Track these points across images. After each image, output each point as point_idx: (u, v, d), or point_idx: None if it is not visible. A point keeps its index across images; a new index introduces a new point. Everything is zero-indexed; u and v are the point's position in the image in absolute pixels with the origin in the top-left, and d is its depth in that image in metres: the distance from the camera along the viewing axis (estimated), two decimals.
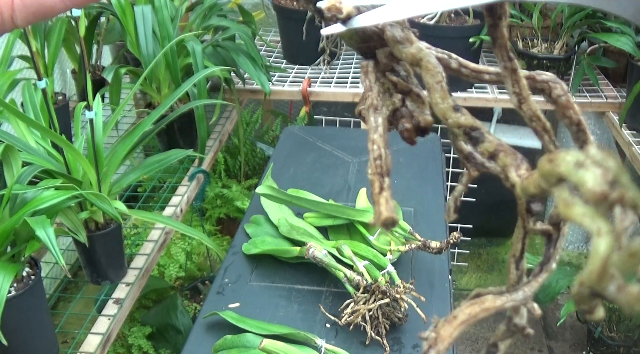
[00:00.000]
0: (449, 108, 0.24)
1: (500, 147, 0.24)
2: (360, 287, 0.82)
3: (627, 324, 1.73)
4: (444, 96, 0.24)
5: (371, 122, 0.25)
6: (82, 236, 0.99)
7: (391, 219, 0.23)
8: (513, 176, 0.23)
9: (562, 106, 0.24)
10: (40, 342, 0.95)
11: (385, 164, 0.24)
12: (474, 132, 0.24)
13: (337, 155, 1.28)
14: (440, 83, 0.24)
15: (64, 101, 1.45)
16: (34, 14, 0.27)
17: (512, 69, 0.25)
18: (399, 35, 0.25)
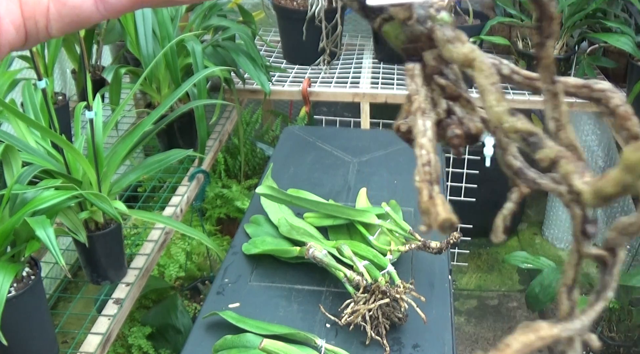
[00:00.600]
0: (504, 112, 0.23)
1: (561, 153, 0.22)
2: (360, 287, 0.82)
3: (627, 324, 1.73)
4: (499, 98, 0.22)
5: (419, 125, 0.24)
6: (82, 236, 0.99)
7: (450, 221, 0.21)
8: (578, 184, 0.21)
9: (621, 117, 0.23)
10: (40, 342, 0.95)
11: (435, 171, 0.23)
12: (532, 137, 0.22)
13: (337, 155, 1.28)
14: (495, 85, 0.23)
15: (64, 101, 1.45)
16: (69, 24, 0.26)
17: (554, 93, 0.24)
18: (450, 35, 0.24)
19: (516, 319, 2.02)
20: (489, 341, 1.94)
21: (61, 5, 0.25)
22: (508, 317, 2.03)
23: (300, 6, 1.77)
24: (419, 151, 0.23)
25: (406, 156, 1.24)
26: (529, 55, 1.66)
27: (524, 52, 1.67)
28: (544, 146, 0.22)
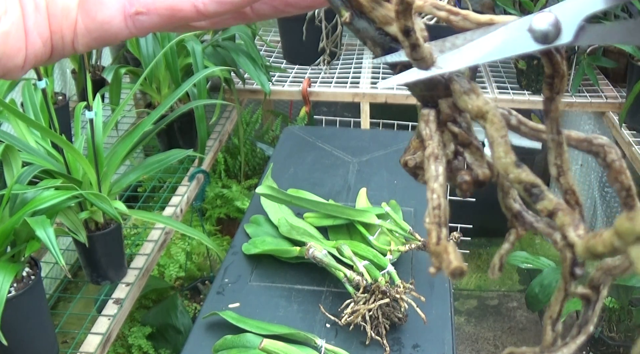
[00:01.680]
0: (511, 163, 0.24)
1: (559, 206, 0.24)
2: (360, 287, 0.82)
3: (627, 324, 1.73)
4: (507, 150, 0.24)
5: (432, 171, 0.25)
6: (82, 236, 0.99)
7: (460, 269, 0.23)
8: (572, 236, 0.23)
9: (615, 171, 0.24)
10: (40, 342, 0.95)
11: (444, 215, 0.24)
12: (534, 188, 0.24)
13: (337, 155, 1.28)
14: (505, 137, 0.24)
15: (64, 101, 1.45)
16: (96, 39, 0.25)
17: (559, 143, 0.25)
18: (467, 87, 0.25)
19: (516, 319, 2.02)
20: (489, 341, 1.94)
21: (90, 20, 0.25)
22: (508, 317, 2.03)
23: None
24: (430, 194, 0.24)
25: None
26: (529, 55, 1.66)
27: None
28: (544, 197, 0.24)
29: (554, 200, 0.24)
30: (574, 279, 0.25)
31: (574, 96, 1.69)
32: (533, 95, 1.70)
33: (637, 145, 1.53)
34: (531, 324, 2.00)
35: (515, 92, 1.72)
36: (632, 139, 1.55)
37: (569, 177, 0.25)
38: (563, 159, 0.25)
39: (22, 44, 0.24)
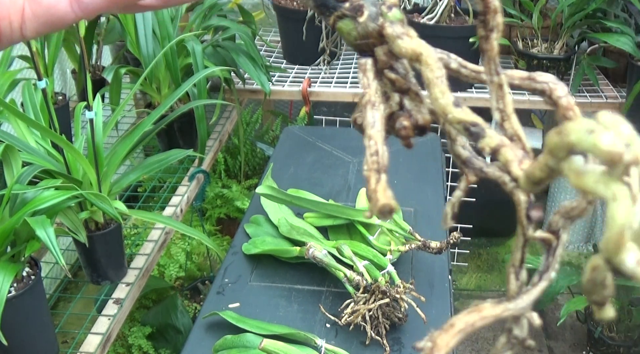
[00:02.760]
0: (449, 103, 0.24)
1: (502, 143, 0.23)
2: (360, 287, 0.82)
3: (627, 324, 1.73)
4: (443, 90, 0.24)
5: (368, 118, 0.25)
6: (82, 236, 0.99)
7: (389, 206, 0.22)
8: (515, 171, 0.23)
9: (563, 108, 0.24)
10: (40, 342, 0.95)
11: (382, 160, 0.24)
12: (474, 127, 0.24)
13: (337, 155, 1.28)
14: (440, 78, 0.24)
15: (64, 101, 1.45)
16: (44, 24, 0.26)
17: (499, 85, 0.25)
18: (399, 31, 0.25)
19: None
20: (489, 341, 1.94)
21: (36, 5, 0.25)
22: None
23: (300, 6, 1.77)
24: (367, 141, 0.24)
25: (406, 156, 1.24)
26: (528, 55, 1.66)
27: (524, 52, 1.67)
28: (485, 135, 0.23)
29: (496, 137, 0.23)
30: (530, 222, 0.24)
31: (574, 95, 1.69)
32: (533, 95, 1.70)
33: None
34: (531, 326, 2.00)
35: (515, 92, 1.72)
36: None
37: (513, 121, 0.25)
38: (505, 102, 0.25)
39: None
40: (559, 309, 1.83)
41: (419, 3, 1.76)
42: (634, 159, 0.17)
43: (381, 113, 0.25)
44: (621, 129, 0.18)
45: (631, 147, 0.17)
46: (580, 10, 1.58)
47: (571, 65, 1.69)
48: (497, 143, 0.23)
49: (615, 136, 0.17)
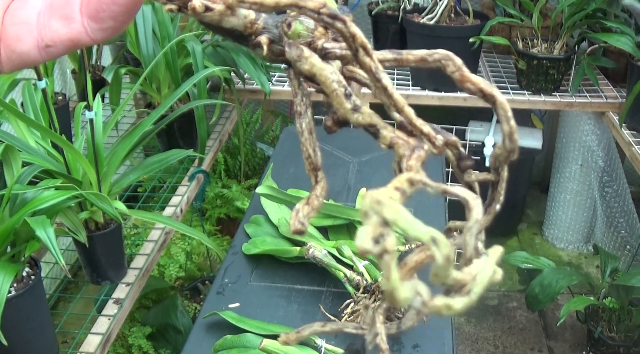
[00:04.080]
0: (347, 111, 0.27)
1: (394, 139, 0.27)
2: (360, 287, 0.82)
3: (627, 324, 1.73)
4: (340, 102, 0.27)
5: (297, 127, 0.29)
6: (82, 236, 0.99)
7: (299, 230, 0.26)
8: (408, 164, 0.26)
9: (459, 81, 0.26)
10: (40, 342, 0.95)
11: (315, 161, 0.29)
12: (371, 128, 0.27)
13: (337, 155, 1.28)
14: (335, 91, 0.27)
15: (64, 101, 1.45)
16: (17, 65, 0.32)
17: (383, 88, 0.28)
18: (295, 54, 0.28)
19: (516, 319, 2.02)
20: (489, 341, 1.94)
21: (10, 52, 0.31)
22: (508, 317, 2.04)
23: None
24: (301, 147, 0.29)
25: None
26: (528, 55, 1.66)
27: (524, 52, 1.67)
28: (380, 134, 0.27)
29: (389, 135, 0.27)
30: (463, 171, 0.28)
31: (573, 95, 1.69)
32: (533, 95, 1.70)
33: (637, 145, 1.53)
34: (531, 324, 2.00)
35: (515, 92, 1.72)
36: (632, 139, 1.55)
37: (407, 112, 0.28)
38: (394, 99, 0.28)
39: None
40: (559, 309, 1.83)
41: (419, 3, 1.76)
42: (381, 252, 0.20)
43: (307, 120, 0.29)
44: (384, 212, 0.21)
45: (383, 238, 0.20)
46: (580, 10, 1.58)
47: (571, 65, 1.69)
48: (390, 140, 0.27)
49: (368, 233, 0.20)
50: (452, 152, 0.28)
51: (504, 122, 0.26)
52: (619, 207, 2.05)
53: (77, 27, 0.30)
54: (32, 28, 0.31)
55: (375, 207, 0.21)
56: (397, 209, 0.21)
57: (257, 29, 0.29)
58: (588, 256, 2.25)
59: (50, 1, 0.31)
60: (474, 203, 0.24)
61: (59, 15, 0.30)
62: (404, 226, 0.21)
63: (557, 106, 1.72)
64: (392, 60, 0.28)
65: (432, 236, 0.21)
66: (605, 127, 1.89)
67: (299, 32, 0.28)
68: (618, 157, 2.02)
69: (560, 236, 2.26)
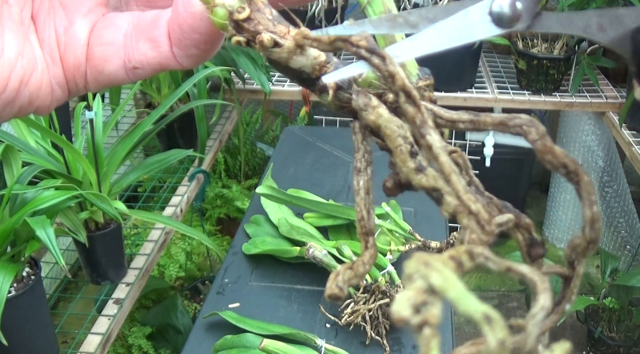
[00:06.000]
0: (410, 171, 0.25)
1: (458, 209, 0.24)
2: (360, 287, 0.82)
3: (627, 324, 1.73)
4: (403, 159, 0.25)
5: (354, 185, 0.26)
6: (82, 236, 0.99)
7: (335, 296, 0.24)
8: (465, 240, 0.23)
9: (540, 151, 0.24)
10: (40, 342, 0.95)
11: (368, 225, 0.26)
12: (435, 192, 0.25)
13: (337, 155, 1.28)
14: (399, 147, 0.25)
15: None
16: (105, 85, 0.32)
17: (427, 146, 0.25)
18: (362, 102, 0.26)
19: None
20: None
21: (97, 73, 0.31)
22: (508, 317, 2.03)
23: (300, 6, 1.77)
24: (356, 207, 0.26)
25: None
26: (529, 55, 1.66)
27: (524, 52, 1.67)
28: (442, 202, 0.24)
29: (452, 203, 0.24)
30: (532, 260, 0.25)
31: (574, 95, 1.69)
32: (533, 95, 1.71)
33: (637, 145, 1.53)
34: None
35: (515, 92, 1.72)
36: (632, 139, 1.55)
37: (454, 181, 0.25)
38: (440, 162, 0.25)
39: (49, 90, 0.30)
40: None
41: (419, 3, 1.76)
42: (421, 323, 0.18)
43: (365, 179, 0.27)
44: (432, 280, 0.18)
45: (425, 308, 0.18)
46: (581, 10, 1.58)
47: (571, 65, 1.69)
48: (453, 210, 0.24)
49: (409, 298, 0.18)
50: (523, 237, 0.24)
51: (586, 207, 0.23)
52: (619, 207, 2.05)
53: (164, 51, 0.30)
54: (119, 49, 0.30)
55: (422, 271, 0.18)
56: (448, 276, 0.18)
57: (326, 72, 0.27)
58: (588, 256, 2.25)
59: (136, 23, 0.30)
60: (543, 287, 0.21)
61: (146, 37, 0.30)
62: (454, 297, 0.18)
63: (557, 106, 1.72)
64: (467, 122, 0.25)
65: (486, 314, 0.18)
66: (605, 127, 1.89)
67: (370, 81, 0.27)
68: (618, 157, 2.02)
69: (560, 236, 2.26)
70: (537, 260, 0.25)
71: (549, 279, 0.22)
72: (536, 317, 0.21)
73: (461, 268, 0.21)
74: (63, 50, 0.30)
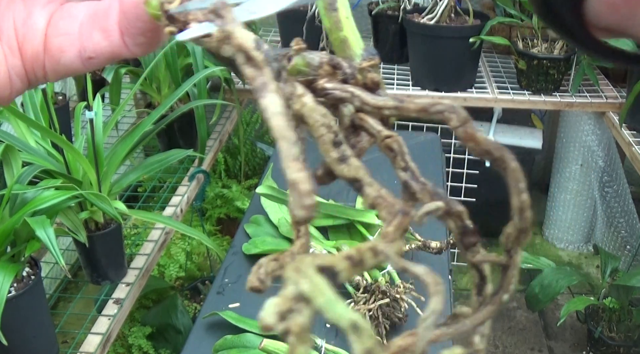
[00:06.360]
0: (333, 161, 0.25)
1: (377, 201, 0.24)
2: (360, 287, 0.82)
3: (627, 324, 1.73)
4: (326, 149, 0.25)
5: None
6: (82, 236, 0.99)
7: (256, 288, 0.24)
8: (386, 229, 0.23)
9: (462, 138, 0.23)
10: (40, 342, 0.95)
11: None
12: (356, 183, 0.25)
13: None
14: (322, 137, 0.24)
15: (64, 101, 1.45)
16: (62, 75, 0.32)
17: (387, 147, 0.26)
18: (288, 91, 0.25)
19: (516, 319, 2.02)
20: (489, 341, 1.94)
21: (55, 63, 0.32)
22: (508, 317, 2.04)
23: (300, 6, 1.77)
24: None
25: None
26: (529, 55, 1.66)
27: (524, 52, 1.67)
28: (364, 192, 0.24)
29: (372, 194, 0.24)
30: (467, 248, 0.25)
31: (574, 95, 1.69)
32: (533, 95, 1.71)
33: (637, 145, 1.53)
34: (531, 324, 2.00)
35: (515, 92, 1.72)
36: (632, 139, 1.55)
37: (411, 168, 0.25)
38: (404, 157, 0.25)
39: (7, 80, 0.31)
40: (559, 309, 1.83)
41: (419, 3, 1.76)
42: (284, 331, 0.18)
43: None
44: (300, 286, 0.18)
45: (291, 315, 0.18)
46: None
47: (571, 65, 1.69)
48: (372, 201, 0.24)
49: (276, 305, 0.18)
50: (456, 225, 0.24)
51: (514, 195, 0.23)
52: (619, 207, 2.05)
53: (116, 40, 0.31)
54: (74, 39, 0.31)
55: (293, 277, 0.18)
56: (317, 283, 0.18)
57: None
58: (588, 256, 2.25)
59: (91, 13, 0.31)
60: (436, 290, 0.21)
61: (99, 27, 0.31)
62: (323, 304, 0.18)
63: (557, 106, 1.72)
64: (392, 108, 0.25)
65: (354, 323, 0.17)
66: (605, 127, 1.89)
67: (299, 69, 0.26)
68: (618, 157, 2.02)
69: (560, 236, 2.26)
70: (471, 248, 0.24)
71: (443, 281, 0.22)
72: (426, 321, 0.21)
73: (361, 265, 0.20)
74: (21, 41, 0.31)
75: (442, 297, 0.21)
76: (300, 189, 0.22)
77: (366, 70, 0.26)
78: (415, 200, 0.25)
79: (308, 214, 0.21)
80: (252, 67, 0.24)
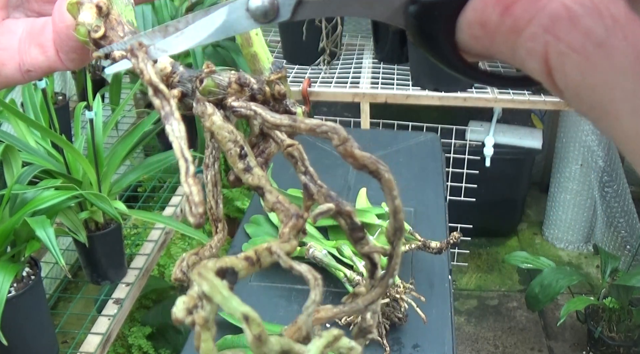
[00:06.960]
0: (240, 171, 0.28)
1: (275, 206, 0.28)
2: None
3: (627, 324, 1.73)
4: (233, 161, 0.28)
5: (203, 178, 0.30)
6: (82, 236, 0.99)
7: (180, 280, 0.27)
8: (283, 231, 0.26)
9: (342, 155, 0.27)
10: (40, 342, 0.95)
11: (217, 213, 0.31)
12: (258, 190, 0.28)
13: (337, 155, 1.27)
14: (229, 151, 0.28)
15: (64, 101, 1.45)
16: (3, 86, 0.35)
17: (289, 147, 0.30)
18: (199, 110, 0.29)
19: (516, 319, 2.02)
20: (489, 341, 1.94)
21: None
22: (508, 317, 2.04)
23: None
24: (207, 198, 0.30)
25: (406, 156, 1.24)
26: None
27: None
28: (265, 199, 0.28)
29: (271, 200, 0.28)
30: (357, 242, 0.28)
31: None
32: (533, 95, 1.71)
33: None
34: (531, 324, 2.00)
35: (515, 92, 1.72)
36: None
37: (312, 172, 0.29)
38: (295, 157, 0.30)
39: None
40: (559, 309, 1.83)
41: None
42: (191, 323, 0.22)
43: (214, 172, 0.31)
44: None
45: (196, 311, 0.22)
46: None
47: None
48: (272, 205, 0.28)
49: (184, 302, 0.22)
50: (346, 223, 0.28)
51: (389, 201, 0.27)
52: (619, 207, 2.05)
53: (51, 56, 0.33)
54: (14, 54, 0.33)
55: (197, 279, 0.22)
56: (215, 284, 0.22)
57: (172, 81, 0.30)
58: (588, 256, 2.25)
59: (29, 30, 0.33)
60: (315, 284, 0.25)
61: (36, 43, 0.33)
62: (220, 301, 0.22)
63: (557, 106, 1.72)
64: (287, 126, 0.29)
65: (245, 314, 0.22)
66: None
67: (209, 89, 0.29)
68: (618, 157, 2.02)
69: (560, 236, 2.26)
70: (359, 241, 0.28)
71: (321, 277, 0.25)
72: (308, 309, 0.25)
73: (258, 264, 0.24)
74: None
75: (321, 290, 0.25)
76: (194, 200, 0.25)
77: (274, 82, 0.29)
78: (313, 200, 0.29)
79: (198, 220, 0.25)
80: (159, 99, 0.27)
